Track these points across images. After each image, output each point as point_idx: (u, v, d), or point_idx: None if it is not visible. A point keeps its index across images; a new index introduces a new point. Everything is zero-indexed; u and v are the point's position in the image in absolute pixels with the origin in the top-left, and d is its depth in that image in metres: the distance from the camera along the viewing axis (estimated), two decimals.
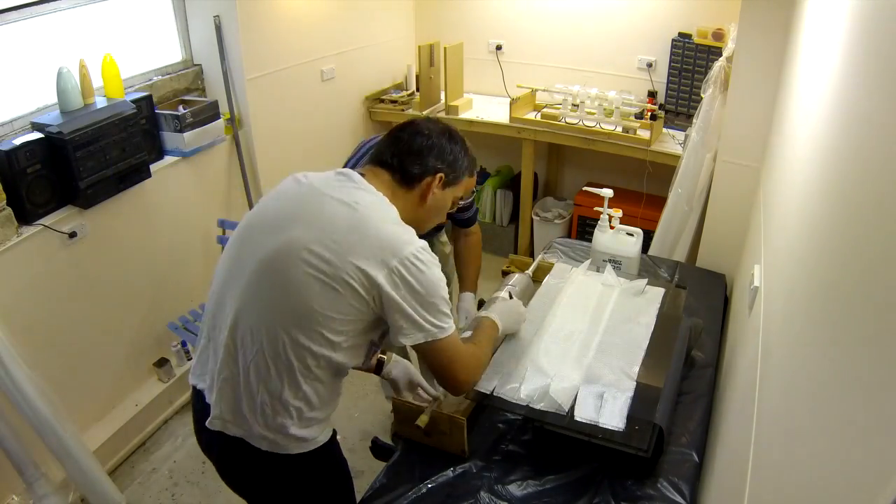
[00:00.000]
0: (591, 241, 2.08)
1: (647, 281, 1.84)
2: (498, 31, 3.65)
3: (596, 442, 1.36)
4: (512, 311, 1.61)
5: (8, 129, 2.11)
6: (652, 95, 3.28)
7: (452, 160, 1.34)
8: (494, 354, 1.55)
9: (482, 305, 1.77)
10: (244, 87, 2.78)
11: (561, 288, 1.82)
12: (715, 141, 2.44)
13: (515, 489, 1.37)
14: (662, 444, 1.39)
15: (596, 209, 2.09)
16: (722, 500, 1.16)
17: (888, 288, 0.53)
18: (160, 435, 2.58)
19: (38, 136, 2.05)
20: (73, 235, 2.18)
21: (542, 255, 2.14)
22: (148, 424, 2.56)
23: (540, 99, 3.44)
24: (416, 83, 3.69)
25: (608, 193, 2.04)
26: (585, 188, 2.30)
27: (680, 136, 3.02)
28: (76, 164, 2.09)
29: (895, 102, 0.62)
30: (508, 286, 1.78)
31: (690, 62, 3.11)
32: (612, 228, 2.04)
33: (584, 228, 3.51)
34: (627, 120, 3.08)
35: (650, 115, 3.06)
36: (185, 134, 2.52)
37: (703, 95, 2.53)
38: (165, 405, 2.64)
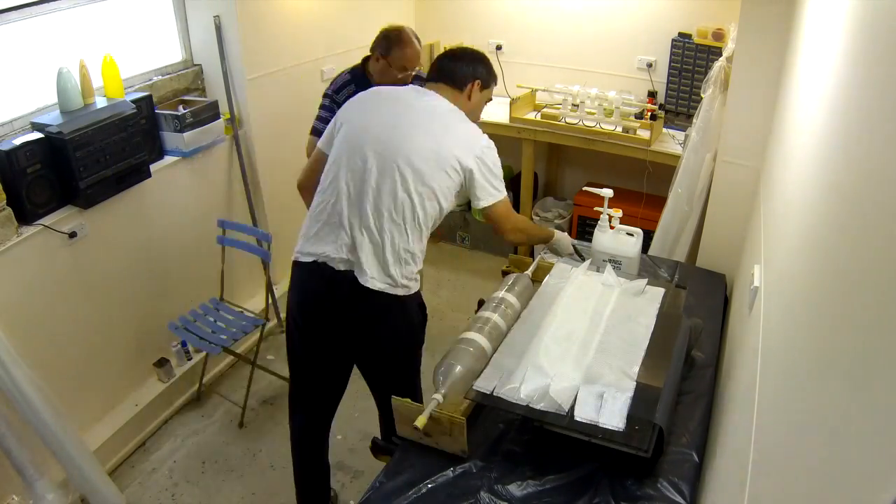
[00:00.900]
0: (591, 240, 2.09)
1: (647, 281, 1.84)
2: (498, 30, 3.65)
3: (596, 442, 1.36)
4: (566, 237, 2.03)
5: (8, 129, 2.11)
6: (652, 95, 3.28)
7: (483, 70, 1.83)
8: (494, 354, 1.56)
9: (482, 305, 1.77)
10: (244, 87, 2.78)
11: (561, 288, 1.82)
12: (715, 141, 2.43)
13: (515, 489, 1.37)
14: (662, 444, 1.39)
15: (596, 209, 2.09)
16: (722, 500, 1.16)
17: (888, 288, 0.53)
18: (160, 435, 2.58)
19: (38, 136, 2.05)
20: (73, 235, 2.18)
21: (541, 255, 2.13)
22: (148, 424, 2.56)
23: (540, 99, 3.44)
24: None
25: (608, 193, 2.04)
26: (585, 188, 2.30)
27: (680, 136, 3.02)
28: (76, 164, 2.09)
29: (895, 102, 0.62)
30: (508, 286, 1.78)
31: (690, 62, 3.12)
32: (612, 228, 2.04)
33: (584, 228, 3.51)
34: (627, 120, 3.08)
35: (650, 115, 3.06)
36: (185, 134, 2.52)
37: (703, 95, 2.53)
38: (165, 405, 2.64)
